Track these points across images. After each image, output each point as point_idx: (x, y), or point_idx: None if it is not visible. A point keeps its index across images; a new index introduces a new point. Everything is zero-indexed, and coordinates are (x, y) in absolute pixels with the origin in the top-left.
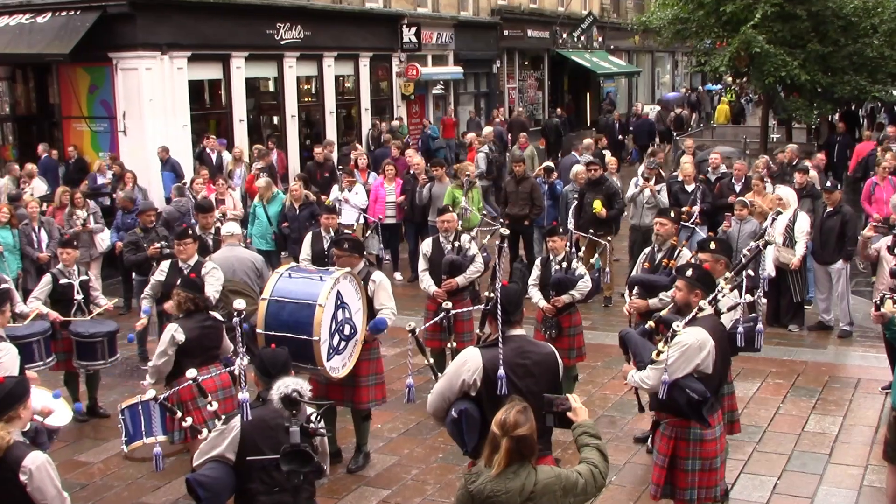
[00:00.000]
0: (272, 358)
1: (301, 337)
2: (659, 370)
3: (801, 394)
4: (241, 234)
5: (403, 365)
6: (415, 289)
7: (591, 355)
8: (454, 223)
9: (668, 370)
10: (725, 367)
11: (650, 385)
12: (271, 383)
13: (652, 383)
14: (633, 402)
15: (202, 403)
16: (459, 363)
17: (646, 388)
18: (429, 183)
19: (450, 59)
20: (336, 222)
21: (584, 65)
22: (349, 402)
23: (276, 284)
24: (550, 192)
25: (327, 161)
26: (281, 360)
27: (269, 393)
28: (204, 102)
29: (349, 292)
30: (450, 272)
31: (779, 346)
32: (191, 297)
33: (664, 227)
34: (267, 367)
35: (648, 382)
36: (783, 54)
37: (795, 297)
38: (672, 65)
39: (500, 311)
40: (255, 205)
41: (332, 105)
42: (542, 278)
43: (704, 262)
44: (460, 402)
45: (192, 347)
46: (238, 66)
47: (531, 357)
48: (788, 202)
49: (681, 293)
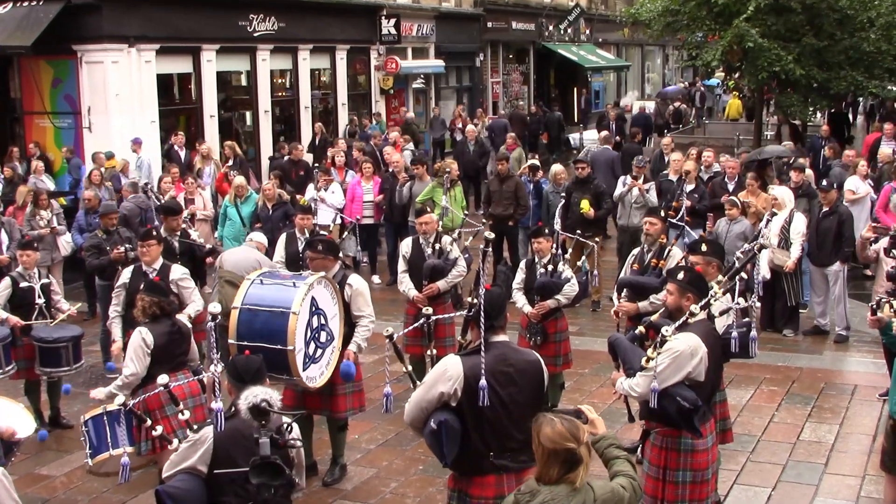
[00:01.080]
0: (246, 365)
1: (275, 347)
2: (648, 377)
3: (797, 401)
4: (265, 243)
5: (382, 373)
6: (394, 293)
7: (579, 362)
8: (433, 225)
9: (657, 378)
10: (718, 374)
11: (639, 393)
12: (243, 391)
13: (641, 391)
14: (623, 411)
15: (172, 412)
16: (439, 371)
17: (635, 395)
18: (409, 181)
19: (431, 52)
20: (311, 223)
21: (572, 58)
22: (326, 411)
23: (247, 291)
24: (536, 191)
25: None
26: (255, 367)
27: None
28: (173, 97)
29: (324, 298)
30: (431, 277)
31: (773, 351)
32: (156, 301)
33: (654, 227)
34: (241, 373)
35: (637, 390)
36: (777, 48)
37: (790, 300)
38: (662, 59)
39: (483, 316)
40: (227, 205)
41: (307, 100)
42: (526, 282)
43: (696, 265)
44: (440, 412)
45: (160, 353)
46: (209, 59)
47: (515, 365)
48: (784, 202)
49: (672, 297)
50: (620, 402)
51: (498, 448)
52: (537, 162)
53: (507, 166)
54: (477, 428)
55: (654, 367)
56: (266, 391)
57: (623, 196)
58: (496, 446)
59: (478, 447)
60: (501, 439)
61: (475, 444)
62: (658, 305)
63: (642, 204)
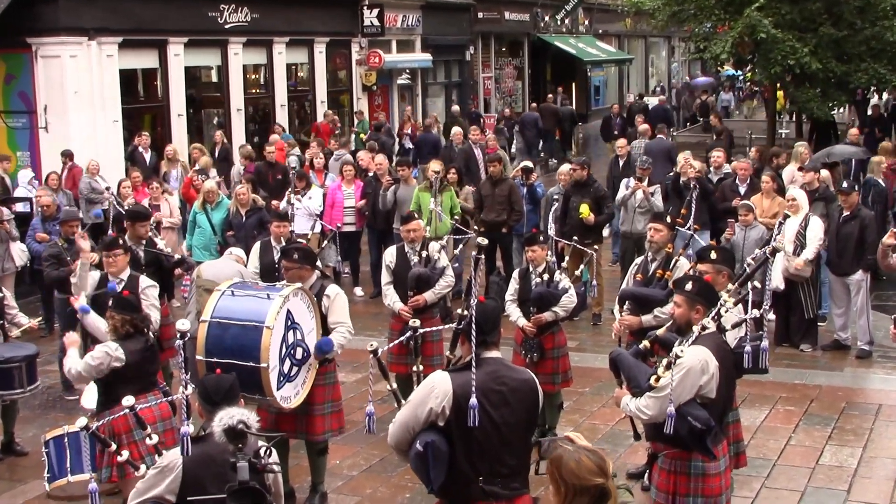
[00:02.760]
0: (216, 384)
1: (247, 364)
2: (661, 398)
3: (815, 422)
4: (244, 258)
5: (365, 392)
6: (377, 306)
7: (578, 380)
8: (421, 232)
9: (672, 398)
10: (730, 391)
11: (650, 415)
12: (215, 413)
13: (653, 413)
14: (626, 432)
15: (139, 436)
16: (426, 389)
17: (644, 418)
18: (393, 185)
19: (417, 45)
20: (288, 231)
21: (570, 51)
22: (303, 434)
23: (217, 304)
24: (530, 195)
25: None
26: (226, 387)
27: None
28: (137, 95)
29: (301, 311)
30: (417, 287)
31: (789, 368)
32: (128, 319)
33: (659, 234)
34: (210, 394)
35: (648, 412)
36: (792, 40)
37: (808, 312)
38: (668, 51)
39: (474, 330)
40: (196, 212)
41: (283, 97)
42: (520, 293)
43: (705, 274)
44: (426, 433)
45: (130, 372)
46: (176, 53)
47: (508, 383)
48: (800, 205)
49: (680, 309)
50: (624, 424)
51: (488, 473)
52: (530, 163)
53: (500, 168)
54: (466, 450)
55: (667, 387)
56: (242, 412)
57: (626, 200)
58: (486, 471)
59: (466, 471)
60: (492, 463)
61: (463, 467)
62: (663, 319)
63: (647, 208)
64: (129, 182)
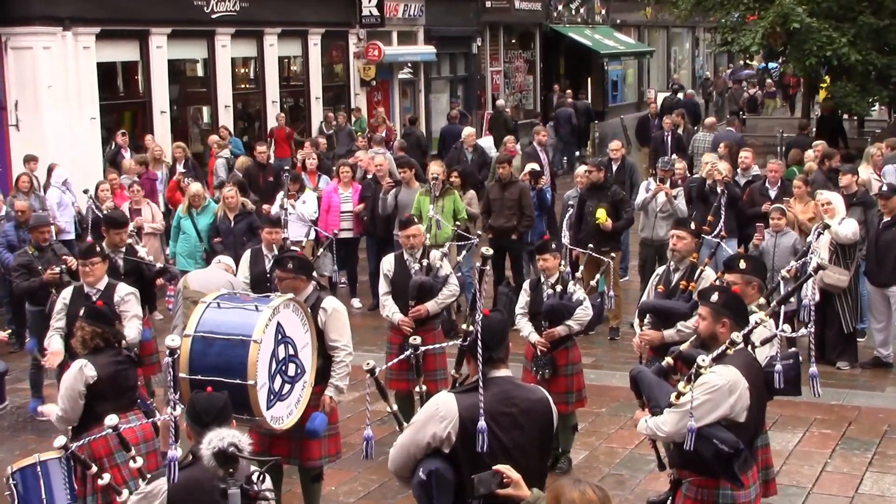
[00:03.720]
0: (207, 404)
1: (233, 381)
2: (680, 413)
3: (854, 446)
4: (233, 267)
5: (363, 413)
6: (376, 319)
7: (594, 400)
8: (421, 238)
9: (693, 414)
10: (761, 414)
11: (666, 433)
12: (205, 435)
13: (669, 430)
14: (646, 457)
15: (122, 459)
16: (429, 411)
17: (661, 435)
18: (394, 188)
19: (419, 37)
20: (280, 237)
21: (585, 43)
22: (296, 459)
23: (201, 317)
24: (539, 201)
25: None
26: (217, 407)
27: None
28: (116, 90)
29: (293, 324)
30: (418, 297)
31: (825, 387)
32: (98, 332)
33: (682, 242)
34: (200, 414)
35: (665, 429)
36: (828, 29)
37: (845, 326)
38: (692, 43)
39: (480, 347)
40: (180, 216)
41: (274, 93)
42: (531, 305)
43: (733, 285)
44: (430, 460)
45: (105, 389)
46: (159, 45)
47: (519, 404)
48: (838, 209)
49: (705, 322)
50: (644, 448)
51: None
52: (538, 167)
53: (510, 170)
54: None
55: (687, 403)
56: (234, 434)
57: (647, 203)
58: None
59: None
60: None
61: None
62: (686, 334)
63: (669, 213)
64: (108, 184)
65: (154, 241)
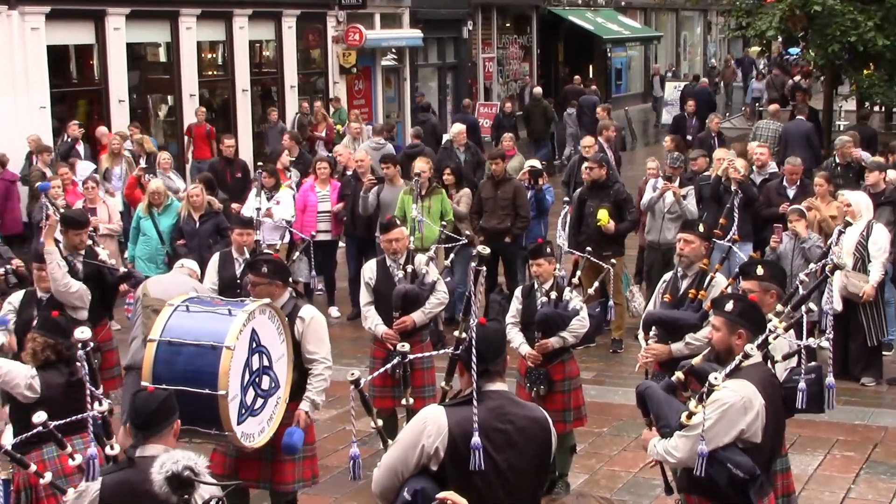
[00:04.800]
0: (142, 403)
1: (202, 391)
2: (692, 437)
3: (880, 470)
4: (197, 271)
5: (341, 433)
6: (356, 329)
7: (595, 418)
8: (404, 242)
9: (704, 437)
10: (779, 434)
11: (678, 458)
12: (141, 438)
13: (681, 456)
14: (651, 480)
15: (64, 485)
16: (417, 426)
17: (673, 461)
18: (376, 186)
19: (405, 20)
20: (253, 240)
21: (586, 27)
22: (267, 483)
23: (168, 321)
24: (537, 203)
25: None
26: (151, 408)
27: (136, 450)
28: (69, 76)
29: (269, 332)
30: (403, 307)
31: (848, 405)
32: (51, 344)
33: (690, 247)
34: (133, 416)
35: (677, 455)
36: (853, 12)
37: (870, 339)
38: (703, 27)
39: (475, 358)
40: (140, 216)
41: (245, 81)
42: (524, 314)
43: (749, 293)
44: (416, 479)
45: (51, 411)
46: (116, 27)
47: (514, 421)
48: (860, 210)
49: (719, 334)
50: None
51: None
52: (538, 164)
53: (504, 166)
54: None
55: (698, 424)
56: (189, 456)
57: (653, 204)
58: None
59: None
60: None
61: None
62: (696, 347)
63: (678, 214)
64: (59, 180)
65: (111, 243)
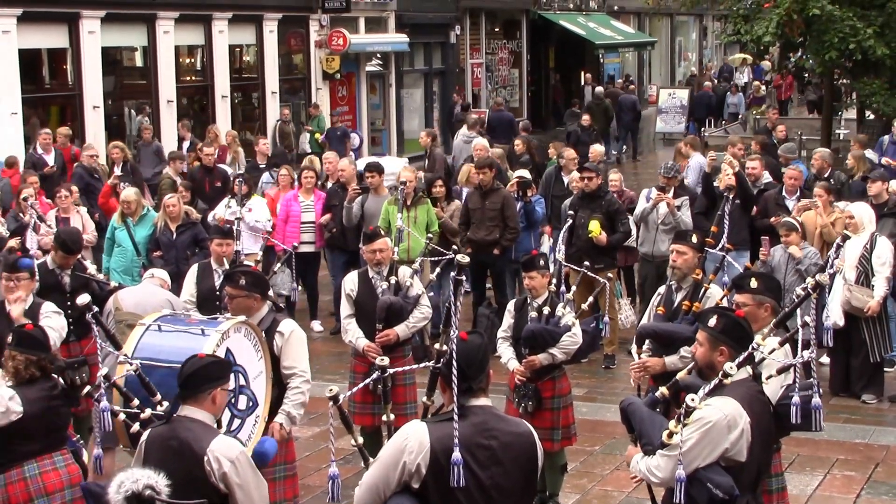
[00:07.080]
0: (188, 365)
1: None
2: (673, 458)
3: (882, 491)
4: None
5: (323, 451)
6: (339, 344)
7: (587, 437)
8: (388, 253)
9: (682, 459)
10: (766, 451)
11: (660, 478)
12: (180, 399)
13: (663, 476)
14: (644, 501)
15: None
16: (398, 443)
17: (655, 481)
18: (360, 196)
19: (390, 24)
20: (233, 250)
21: (578, 32)
22: None
23: (139, 340)
24: (526, 215)
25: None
26: (191, 371)
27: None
28: (42, 81)
29: (245, 350)
30: (386, 320)
31: (849, 423)
32: (33, 360)
33: (682, 258)
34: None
35: (658, 475)
36: (852, 18)
37: (872, 355)
38: (699, 33)
39: (456, 374)
40: (115, 227)
41: (224, 87)
42: (515, 329)
43: (743, 307)
44: (397, 497)
45: (32, 427)
46: (91, 30)
47: (499, 437)
48: (862, 223)
49: (702, 349)
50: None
51: None
52: (528, 174)
53: (491, 176)
54: None
55: (678, 444)
56: (149, 475)
57: (646, 215)
58: None
59: None
60: None
61: None
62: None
63: (672, 225)
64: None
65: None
